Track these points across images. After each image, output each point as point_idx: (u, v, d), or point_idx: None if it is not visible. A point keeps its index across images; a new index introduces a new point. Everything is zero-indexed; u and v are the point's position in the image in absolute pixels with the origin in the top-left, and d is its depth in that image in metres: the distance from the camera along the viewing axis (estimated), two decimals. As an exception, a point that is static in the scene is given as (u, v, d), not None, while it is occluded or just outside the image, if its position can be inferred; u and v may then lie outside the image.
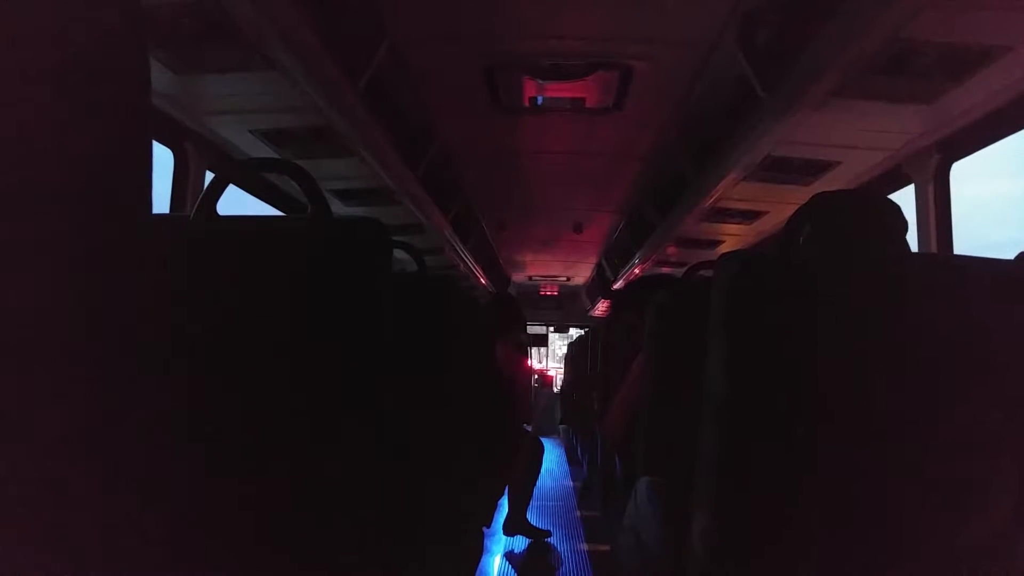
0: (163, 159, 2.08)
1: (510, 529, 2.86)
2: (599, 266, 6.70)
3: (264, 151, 2.34)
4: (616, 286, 5.84)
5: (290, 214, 2.70)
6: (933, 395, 0.85)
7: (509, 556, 2.61)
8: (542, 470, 3.02)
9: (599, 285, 6.94)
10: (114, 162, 0.44)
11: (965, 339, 0.85)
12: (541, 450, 2.92)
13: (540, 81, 2.45)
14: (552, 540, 2.82)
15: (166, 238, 0.87)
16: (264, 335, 0.84)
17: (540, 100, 2.67)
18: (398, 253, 1.87)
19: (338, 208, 3.07)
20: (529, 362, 3.20)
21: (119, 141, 0.44)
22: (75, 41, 0.40)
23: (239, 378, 0.83)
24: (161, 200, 2.07)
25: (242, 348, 0.84)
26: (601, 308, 7.52)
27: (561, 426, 6.98)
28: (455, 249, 4.35)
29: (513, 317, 3.13)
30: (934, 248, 2.04)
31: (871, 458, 0.86)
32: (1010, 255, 0.96)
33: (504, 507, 3.29)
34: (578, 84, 2.44)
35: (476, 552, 1.99)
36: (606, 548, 2.70)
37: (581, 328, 8.34)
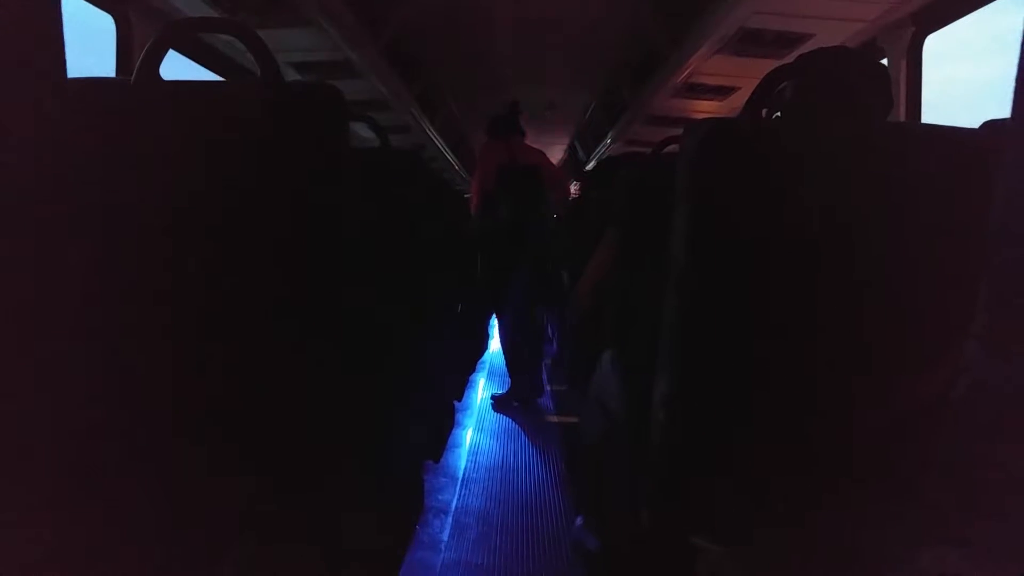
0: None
1: (499, 405, 2.98)
2: (571, 147, 6.58)
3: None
4: (588, 167, 5.78)
5: None
6: (895, 262, 0.86)
7: (479, 428, 2.74)
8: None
9: (572, 166, 6.85)
10: (21, 25, 0.42)
11: (930, 206, 0.85)
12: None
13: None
14: (523, 414, 2.95)
15: (103, 100, 0.83)
16: (213, 201, 0.82)
17: (510, -38, 2.49)
18: (362, 130, 1.79)
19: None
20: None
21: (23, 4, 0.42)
22: None
23: (185, 246, 0.81)
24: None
25: (188, 215, 0.81)
26: (573, 189, 7.47)
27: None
28: (422, 127, 4.19)
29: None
30: None
31: (829, 322, 0.87)
32: None
33: (476, 382, 3.43)
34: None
35: (447, 425, 2.08)
36: (574, 420, 2.84)
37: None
